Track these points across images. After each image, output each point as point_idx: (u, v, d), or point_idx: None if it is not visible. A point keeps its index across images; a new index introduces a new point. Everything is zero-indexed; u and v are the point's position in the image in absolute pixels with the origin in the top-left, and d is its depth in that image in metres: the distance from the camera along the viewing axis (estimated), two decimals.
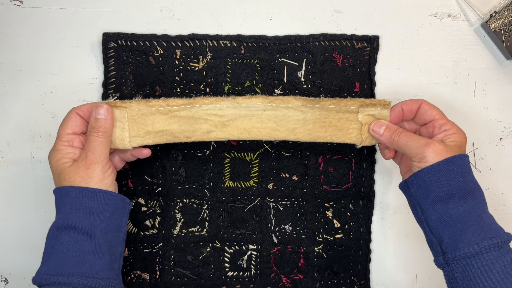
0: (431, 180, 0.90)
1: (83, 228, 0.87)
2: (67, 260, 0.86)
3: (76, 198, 0.88)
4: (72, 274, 0.84)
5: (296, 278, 1.12)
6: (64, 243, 0.86)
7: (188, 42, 1.08)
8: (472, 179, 0.91)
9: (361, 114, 0.99)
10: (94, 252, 0.87)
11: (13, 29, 1.08)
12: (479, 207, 0.89)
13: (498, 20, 1.08)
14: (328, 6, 1.10)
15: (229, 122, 0.99)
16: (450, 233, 0.88)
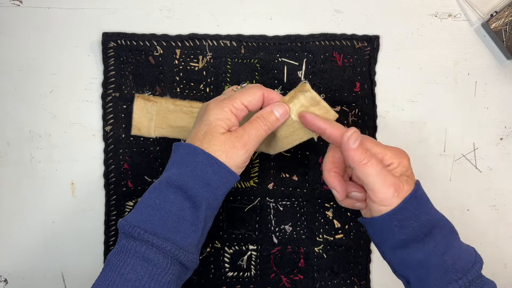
0: (385, 230, 0.85)
1: (194, 197, 0.83)
2: (165, 222, 0.81)
3: (206, 167, 0.84)
4: (167, 239, 0.80)
5: (296, 278, 1.12)
6: (169, 202, 0.82)
7: (188, 41, 1.08)
8: (429, 216, 0.84)
9: (292, 114, 0.91)
10: (192, 224, 0.83)
11: (13, 29, 1.07)
12: (441, 247, 0.83)
13: (498, 20, 1.08)
14: (328, 6, 1.10)
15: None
16: (415, 276, 0.84)
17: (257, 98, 0.90)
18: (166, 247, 0.79)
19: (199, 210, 0.83)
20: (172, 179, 0.83)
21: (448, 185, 1.13)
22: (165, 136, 1.09)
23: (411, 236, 0.83)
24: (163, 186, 0.84)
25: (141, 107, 1.07)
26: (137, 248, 0.79)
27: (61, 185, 1.09)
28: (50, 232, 1.10)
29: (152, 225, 0.81)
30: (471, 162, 1.13)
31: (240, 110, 0.88)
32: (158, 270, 0.79)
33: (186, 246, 0.82)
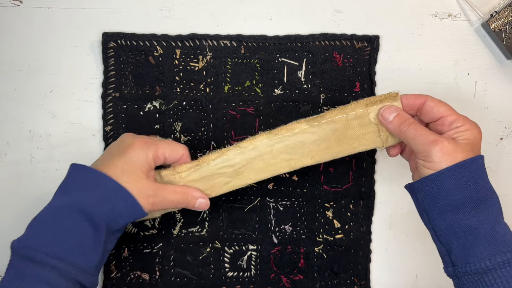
0: (439, 188, 0.83)
1: (97, 223, 0.84)
2: (67, 245, 0.82)
3: (112, 195, 0.86)
4: (70, 263, 0.80)
5: (296, 278, 1.12)
6: (71, 226, 0.83)
7: (188, 41, 1.08)
8: (486, 184, 0.84)
9: (372, 114, 0.93)
10: (94, 247, 0.84)
11: (13, 29, 1.07)
12: (493, 217, 0.82)
13: (498, 20, 1.08)
14: (328, 6, 1.10)
15: (243, 168, 0.96)
16: (460, 244, 0.82)
17: (178, 156, 0.95)
18: (69, 271, 0.80)
19: (100, 234, 0.85)
20: (77, 204, 0.84)
21: None
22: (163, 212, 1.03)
23: (465, 199, 0.82)
24: (66, 210, 0.84)
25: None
26: (37, 272, 0.79)
27: None
28: None
29: (53, 248, 0.81)
30: None
31: (160, 160, 0.93)
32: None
33: (88, 268, 0.83)
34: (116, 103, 1.08)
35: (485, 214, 0.82)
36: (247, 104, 1.10)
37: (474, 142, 0.85)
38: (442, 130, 0.88)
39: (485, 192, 0.83)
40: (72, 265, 0.80)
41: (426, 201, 0.87)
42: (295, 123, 0.95)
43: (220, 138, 1.10)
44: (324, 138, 0.95)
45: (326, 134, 0.94)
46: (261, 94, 1.10)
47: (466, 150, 0.84)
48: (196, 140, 1.10)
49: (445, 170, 0.82)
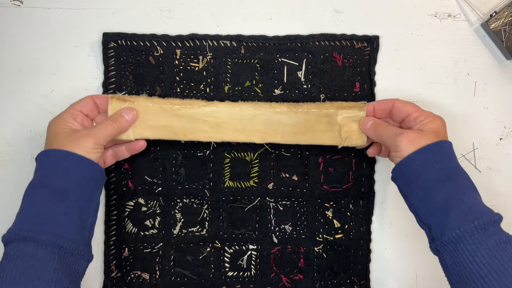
0: (409, 171, 0.93)
1: (57, 189, 0.88)
2: (38, 218, 0.86)
3: (58, 160, 0.91)
4: (42, 231, 0.84)
5: (296, 278, 1.12)
6: (37, 201, 0.88)
7: (188, 42, 1.08)
8: (452, 164, 0.93)
9: (339, 116, 1.04)
10: (65, 214, 0.88)
11: (13, 29, 1.08)
12: (460, 189, 0.88)
13: (498, 20, 1.08)
14: (328, 6, 1.11)
15: (224, 124, 1.05)
16: (436, 220, 0.88)
17: (87, 102, 1.00)
18: (42, 237, 0.83)
19: (66, 200, 0.88)
20: (35, 182, 0.90)
21: None
22: (145, 137, 1.04)
23: (432, 177, 0.90)
24: (30, 191, 0.90)
25: (117, 109, 1.01)
26: (16, 249, 0.83)
27: None
28: None
29: (27, 224, 0.86)
30: (470, 162, 1.13)
31: (76, 113, 0.98)
32: (39, 262, 0.81)
33: (64, 234, 0.86)
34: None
35: (452, 188, 0.89)
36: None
37: (438, 131, 0.95)
38: (410, 125, 0.99)
39: (451, 170, 0.91)
40: (44, 233, 0.84)
41: (403, 186, 0.96)
42: (278, 104, 1.06)
43: None
44: (296, 124, 1.05)
45: (299, 122, 1.05)
46: (261, 94, 1.10)
47: (430, 136, 0.93)
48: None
49: (411, 154, 0.92)
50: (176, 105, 1.03)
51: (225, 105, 1.05)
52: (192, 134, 1.05)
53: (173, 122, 1.04)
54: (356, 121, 1.04)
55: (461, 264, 0.83)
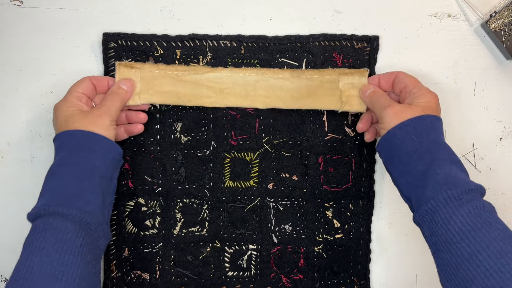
0: (391, 144, 0.95)
1: (84, 167, 0.92)
2: (66, 194, 0.88)
3: (82, 140, 0.94)
4: (71, 206, 0.86)
5: (296, 278, 1.12)
6: (64, 178, 0.90)
7: (188, 42, 1.08)
8: (432, 137, 0.93)
9: (341, 82, 1.08)
10: (91, 192, 0.91)
11: (13, 29, 1.08)
12: (437, 162, 0.89)
13: (498, 20, 1.08)
14: (328, 6, 1.11)
15: (227, 89, 1.08)
16: (415, 192, 0.90)
17: (87, 84, 1.02)
18: (71, 213, 0.85)
19: (92, 177, 0.92)
20: (62, 161, 0.92)
21: None
22: (152, 102, 1.08)
23: (411, 150, 0.92)
24: (56, 169, 0.92)
25: (124, 75, 1.05)
26: (45, 223, 0.84)
27: None
28: None
29: (55, 200, 0.88)
30: (470, 162, 1.13)
31: (80, 95, 1.00)
32: (68, 235, 0.84)
33: (90, 210, 0.88)
34: None
35: (429, 161, 0.90)
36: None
37: (428, 105, 0.97)
38: (404, 98, 1.02)
39: (430, 143, 0.92)
40: (74, 208, 0.86)
41: (386, 160, 0.99)
42: (281, 70, 1.10)
43: (220, 138, 1.11)
44: (298, 90, 1.09)
45: (301, 87, 1.09)
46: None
47: (415, 111, 0.95)
48: (197, 140, 1.10)
49: (394, 127, 0.94)
50: (181, 71, 1.07)
51: (229, 71, 1.08)
52: (197, 100, 1.08)
53: (177, 87, 1.07)
54: (357, 87, 1.08)
55: (437, 233, 0.85)
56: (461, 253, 0.80)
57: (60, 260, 0.81)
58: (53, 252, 0.81)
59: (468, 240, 0.80)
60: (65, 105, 0.97)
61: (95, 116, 0.96)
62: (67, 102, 0.97)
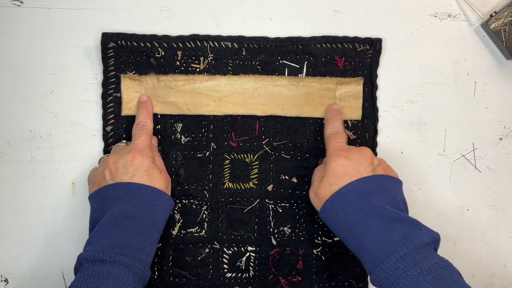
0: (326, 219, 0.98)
1: (147, 221, 0.95)
2: (130, 245, 0.91)
3: (147, 195, 0.96)
4: (134, 258, 0.89)
5: (295, 280, 1.11)
6: (129, 230, 0.92)
7: (189, 43, 1.09)
8: (355, 208, 0.92)
9: (338, 91, 1.10)
10: (151, 244, 0.95)
11: (13, 29, 1.08)
12: (365, 233, 0.89)
13: (498, 20, 1.08)
14: (328, 6, 1.10)
15: (226, 97, 1.09)
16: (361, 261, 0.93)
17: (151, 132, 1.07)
18: (134, 264, 0.89)
19: (154, 231, 0.96)
20: (126, 213, 0.94)
21: (447, 185, 1.13)
22: (155, 112, 1.10)
23: (341, 225, 0.94)
24: (120, 220, 0.93)
25: (129, 87, 1.08)
26: (108, 270, 0.86)
27: (62, 185, 1.10)
28: (50, 232, 1.11)
29: (119, 250, 0.90)
30: (470, 162, 1.13)
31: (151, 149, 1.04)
32: (128, 286, 0.86)
33: (148, 263, 0.94)
34: (117, 103, 1.09)
35: (358, 236, 0.91)
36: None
37: (335, 174, 0.97)
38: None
39: (356, 215, 0.92)
40: (138, 261, 0.90)
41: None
42: (279, 77, 1.10)
43: (220, 140, 1.11)
44: (297, 97, 1.10)
45: (300, 95, 1.10)
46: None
47: (325, 189, 0.97)
48: (197, 141, 1.10)
49: (319, 213, 0.99)
50: (180, 81, 1.08)
51: (227, 79, 1.09)
52: (195, 109, 1.09)
53: (177, 98, 1.09)
54: (353, 96, 1.10)
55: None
56: None
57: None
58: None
59: None
60: (150, 160, 1.00)
61: (168, 180, 1.04)
62: (149, 158, 1.01)
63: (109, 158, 1.00)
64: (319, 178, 1.00)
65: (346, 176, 0.94)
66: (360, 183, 0.93)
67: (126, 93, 1.08)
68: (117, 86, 1.09)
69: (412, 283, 0.80)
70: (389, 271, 0.83)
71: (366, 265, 0.89)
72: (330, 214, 0.95)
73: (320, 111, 1.10)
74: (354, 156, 0.97)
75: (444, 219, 1.07)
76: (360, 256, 0.91)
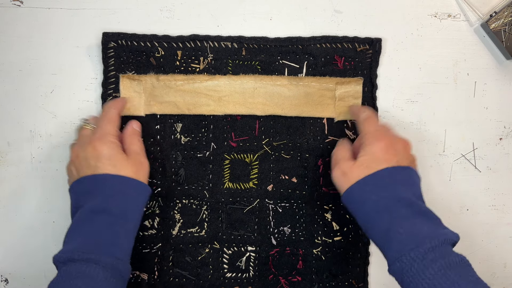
0: (351, 202, 0.95)
1: (119, 213, 0.92)
2: (100, 240, 0.89)
3: (113, 185, 0.93)
4: (104, 253, 0.87)
5: (295, 280, 1.11)
6: (98, 225, 0.90)
7: (189, 43, 1.08)
8: (389, 193, 0.91)
9: (338, 91, 1.10)
10: (125, 237, 0.93)
11: (13, 29, 1.08)
12: (397, 220, 0.88)
13: (498, 20, 1.08)
14: (328, 6, 1.10)
15: (226, 97, 1.09)
16: (383, 250, 0.91)
17: (116, 117, 1.02)
18: (104, 260, 0.86)
19: (127, 223, 0.93)
20: (96, 207, 0.91)
21: (447, 185, 1.13)
22: (154, 112, 1.09)
23: (371, 208, 0.91)
24: (89, 215, 0.91)
25: (128, 87, 1.08)
26: (78, 269, 0.85)
27: (62, 185, 1.09)
28: (50, 232, 1.11)
29: (87, 246, 0.88)
30: (470, 162, 1.13)
31: (117, 136, 1.00)
32: (99, 283, 0.84)
33: (123, 256, 0.91)
34: None
35: (390, 221, 0.89)
36: None
37: (373, 158, 0.94)
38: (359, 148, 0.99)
39: (388, 200, 0.90)
40: (108, 256, 0.87)
41: (352, 214, 0.97)
42: (279, 77, 1.10)
43: (220, 139, 1.11)
44: (297, 97, 1.10)
45: (299, 94, 1.10)
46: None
47: (361, 169, 0.94)
48: (196, 141, 1.10)
49: (347, 190, 0.94)
50: (180, 81, 1.08)
51: (227, 79, 1.08)
52: (195, 108, 1.09)
53: (177, 97, 1.09)
54: (352, 95, 1.10)
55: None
56: None
57: None
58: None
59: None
60: (110, 146, 0.96)
61: (141, 164, 1.00)
62: (111, 144, 0.97)
63: (72, 151, 0.99)
64: (347, 157, 0.98)
65: (384, 161, 0.93)
66: (396, 171, 0.93)
67: (124, 93, 1.08)
68: (117, 86, 1.08)
69: (440, 274, 0.81)
70: (418, 259, 0.83)
71: (391, 253, 0.87)
72: (360, 196, 0.92)
73: (319, 111, 1.10)
74: (398, 145, 0.96)
75: (444, 219, 1.07)
76: (384, 242, 0.89)
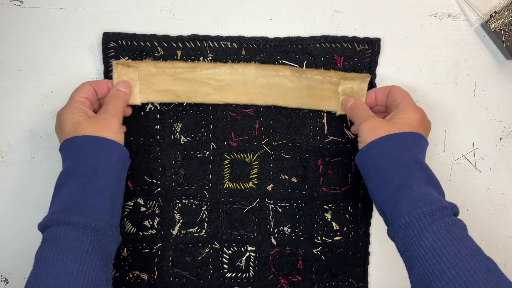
0: (368, 158, 0.95)
1: (88, 171, 0.91)
2: (70, 202, 0.88)
3: (84, 145, 0.93)
4: (73, 213, 0.86)
5: (295, 280, 1.11)
6: (70, 186, 0.90)
7: (189, 43, 1.08)
8: (410, 154, 0.93)
9: (341, 86, 1.07)
10: (96, 195, 0.90)
11: (13, 29, 1.08)
12: (413, 179, 0.89)
13: (498, 20, 1.08)
14: (328, 6, 1.10)
15: (226, 86, 1.08)
16: (390, 206, 0.91)
17: (88, 89, 1.01)
18: (73, 220, 0.85)
19: (97, 180, 0.91)
20: (68, 169, 0.93)
21: (447, 185, 1.13)
22: (150, 101, 1.08)
23: (388, 164, 0.92)
24: (63, 178, 0.92)
25: (122, 74, 1.05)
26: (51, 233, 0.85)
27: None
28: None
29: (60, 209, 0.88)
30: (470, 162, 1.13)
31: (83, 100, 1.00)
32: (71, 243, 0.84)
33: (96, 215, 0.89)
34: None
35: (405, 177, 0.90)
36: (247, 105, 1.10)
37: (407, 122, 0.96)
38: (390, 112, 1.02)
39: (409, 160, 0.92)
40: (76, 215, 0.86)
41: (363, 173, 0.98)
42: (282, 67, 1.08)
43: (220, 139, 1.11)
44: (299, 89, 1.08)
45: (301, 86, 1.08)
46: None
47: (392, 127, 0.95)
48: (196, 141, 1.10)
49: (372, 142, 0.94)
50: (179, 68, 1.06)
51: (228, 67, 1.07)
52: (195, 97, 1.08)
53: (176, 86, 1.07)
54: (356, 92, 1.07)
55: (410, 249, 0.85)
56: (432, 270, 0.81)
57: (65, 269, 0.81)
58: (58, 262, 0.81)
59: (439, 257, 0.81)
60: (71, 111, 0.97)
61: (105, 120, 0.97)
62: (72, 108, 0.97)
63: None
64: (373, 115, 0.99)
65: (412, 128, 0.95)
66: (420, 138, 0.96)
67: (118, 81, 1.06)
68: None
69: (445, 230, 0.83)
70: (427, 214, 0.85)
71: (401, 207, 0.88)
72: (381, 150, 0.93)
73: (320, 104, 1.09)
74: (428, 124, 1.00)
75: None
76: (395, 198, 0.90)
